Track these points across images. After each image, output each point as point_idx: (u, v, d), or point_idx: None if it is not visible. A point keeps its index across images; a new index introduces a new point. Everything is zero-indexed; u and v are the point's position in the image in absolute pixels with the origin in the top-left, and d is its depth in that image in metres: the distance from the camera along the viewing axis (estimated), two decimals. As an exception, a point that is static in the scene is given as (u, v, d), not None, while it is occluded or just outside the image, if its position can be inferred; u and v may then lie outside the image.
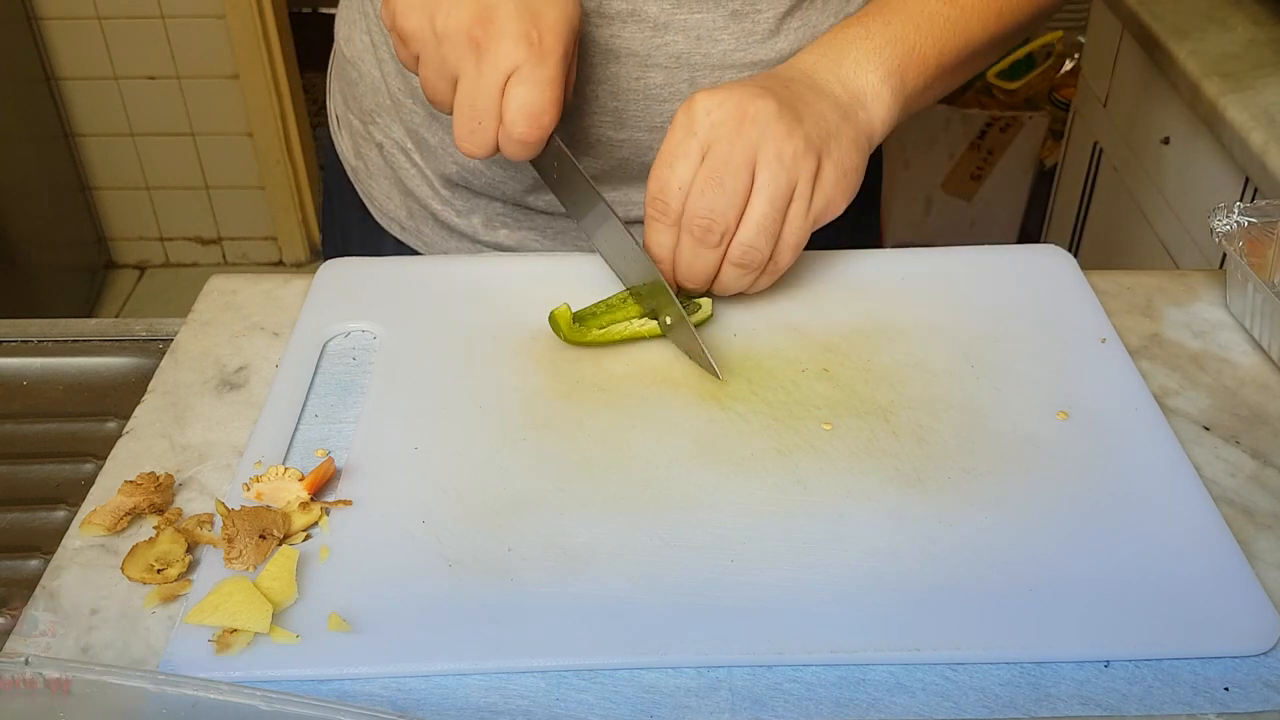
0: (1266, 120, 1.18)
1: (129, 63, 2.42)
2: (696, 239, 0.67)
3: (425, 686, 0.51)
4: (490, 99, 0.65)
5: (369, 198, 0.92)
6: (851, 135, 0.70)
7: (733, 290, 0.70)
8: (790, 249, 0.69)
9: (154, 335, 0.74)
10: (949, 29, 0.74)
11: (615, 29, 0.75)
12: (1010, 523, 0.58)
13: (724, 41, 0.76)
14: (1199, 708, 0.50)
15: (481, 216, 0.86)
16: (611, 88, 0.77)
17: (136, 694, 0.45)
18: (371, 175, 0.90)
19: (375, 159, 0.89)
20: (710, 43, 0.76)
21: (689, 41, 0.76)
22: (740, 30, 0.76)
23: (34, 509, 0.63)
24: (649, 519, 0.58)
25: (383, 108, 0.86)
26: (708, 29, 0.76)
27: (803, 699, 0.50)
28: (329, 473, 0.60)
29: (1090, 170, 1.74)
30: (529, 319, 0.71)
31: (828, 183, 0.68)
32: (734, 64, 0.77)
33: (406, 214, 0.89)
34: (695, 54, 0.76)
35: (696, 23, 0.75)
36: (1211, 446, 0.64)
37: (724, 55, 0.77)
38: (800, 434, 0.63)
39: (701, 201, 0.66)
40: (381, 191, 0.90)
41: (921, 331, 0.71)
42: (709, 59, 0.77)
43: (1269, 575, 0.56)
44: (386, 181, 0.89)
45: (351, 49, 0.87)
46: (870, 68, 0.71)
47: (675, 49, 0.76)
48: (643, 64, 0.76)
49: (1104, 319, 0.71)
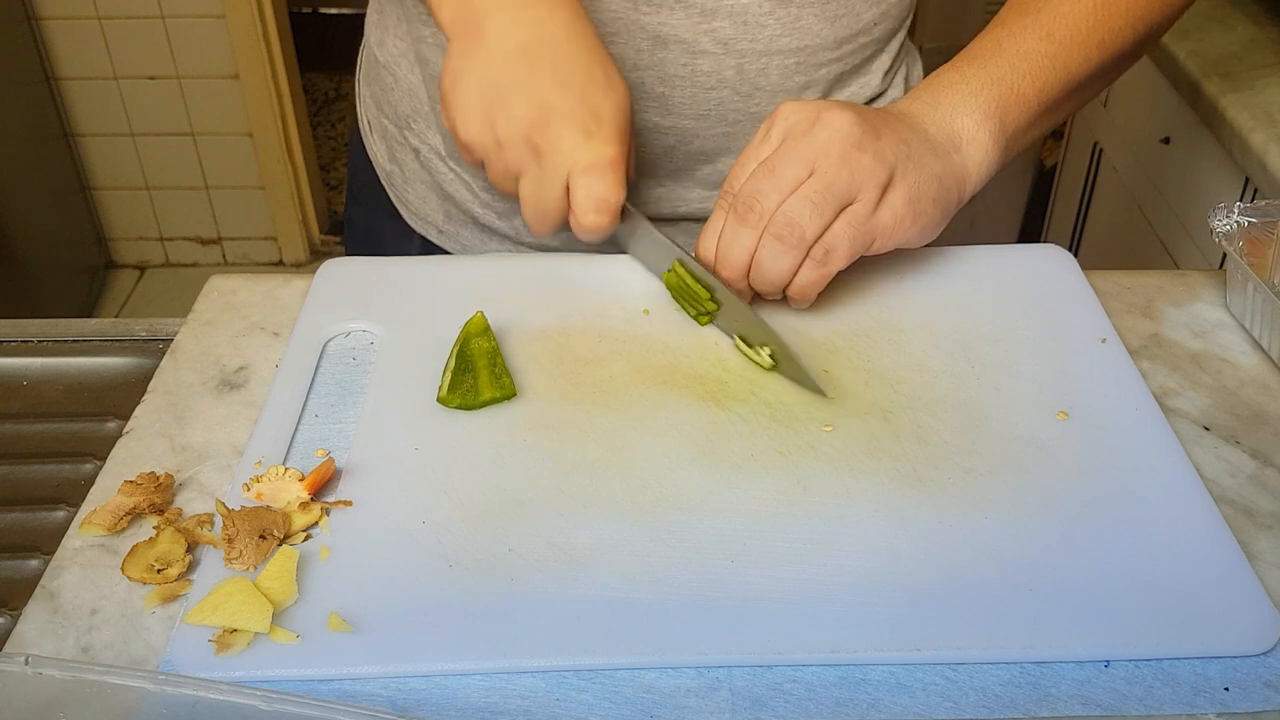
0: (1266, 120, 1.18)
1: (129, 63, 2.42)
2: (739, 217, 0.67)
3: (425, 686, 0.51)
4: (555, 198, 0.68)
5: (403, 202, 0.91)
6: (937, 171, 0.69)
7: (771, 277, 0.67)
8: (843, 245, 0.66)
9: (154, 335, 0.74)
10: (1049, 65, 0.72)
11: (663, 15, 0.75)
12: (1010, 523, 0.58)
13: (770, 27, 0.76)
14: (1199, 708, 0.50)
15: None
16: (658, 74, 0.77)
17: (136, 694, 0.45)
18: (407, 180, 0.90)
19: (411, 164, 0.89)
20: (757, 28, 0.76)
21: (736, 27, 0.76)
22: (786, 15, 0.76)
23: (34, 509, 0.63)
24: (649, 519, 0.58)
25: (419, 113, 0.86)
26: (755, 14, 0.76)
27: (803, 699, 0.50)
28: (329, 473, 0.60)
29: (1090, 170, 1.74)
30: (530, 319, 0.71)
31: (897, 201, 0.67)
32: (780, 50, 0.77)
33: (444, 218, 0.89)
34: (742, 39, 0.76)
35: (744, 8, 0.75)
36: (1211, 446, 0.64)
37: (770, 41, 0.77)
38: (800, 434, 0.63)
39: (751, 183, 0.67)
40: (417, 195, 0.90)
41: (921, 332, 0.71)
42: (756, 44, 0.77)
43: (1269, 575, 0.56)
44: (423, 186, 0.89)
45: (385, 54, 0.87)
46: (967, 111, 0.71)
47: (722, 34, 0.76)
48: (689, 50, 0.76)
49: (1104, 319, 0.71)
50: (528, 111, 0.66)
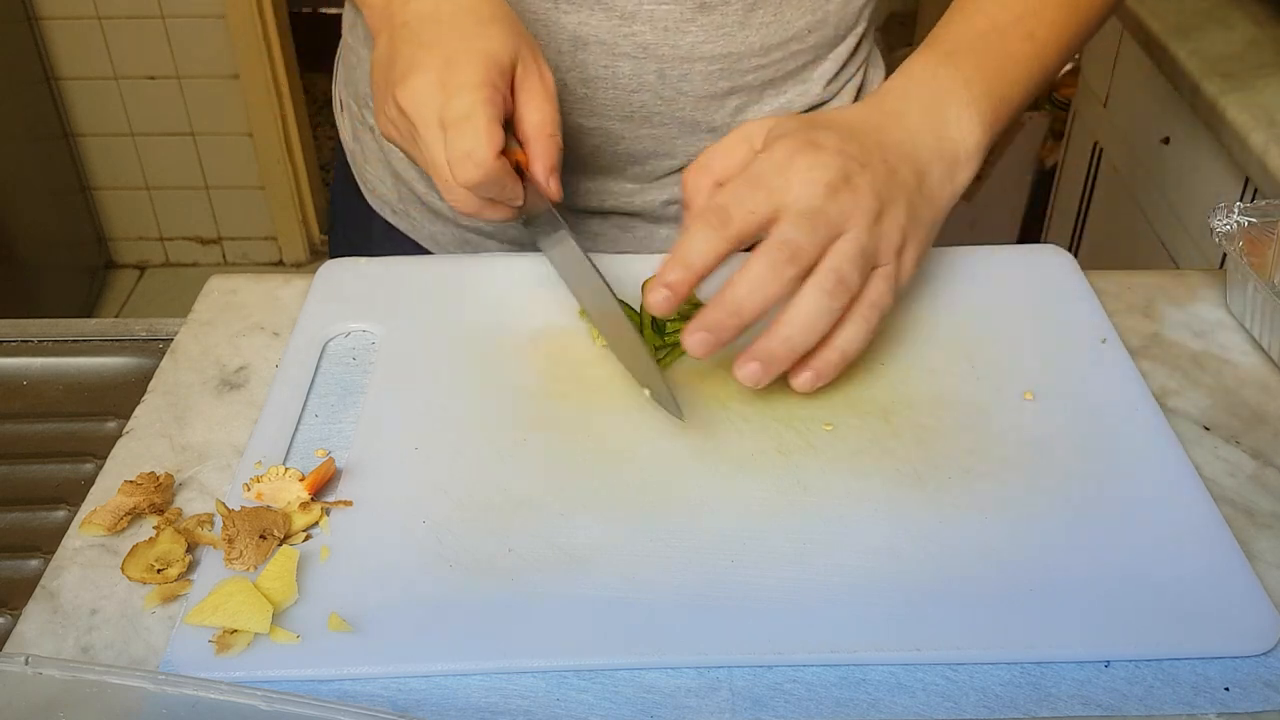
0: (1266, 120, 1.18)
1: (129, 63, 2.42)
2: (711, 225, 0.59)
3: (426, 686, 0.51)
4: (439, 164, 0.64)
5: (363, 180, 0.93)
6: (931, 218, 0.66)
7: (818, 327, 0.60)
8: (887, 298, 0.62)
9: (154, 335, 0.74)
10: (1031, 67, 0.70)
11: (583, 16, 0.75)
12: (1010, 523, 0.58)
13: (692, 33, 0.76)
14: (1199, 708, 0.50)
15: None
16: (580, 75, 0.77)
17: (136, 694, 0.45)
18: (366, 158, 0.91)
19: (369, 142, 0.90)
20: (678, 34, 0.76)
21: (656, 32, 0.76)
22: (709, 23, 0.76)
23: (34, 509, 0.63)
24: (649, 519, 0.58)
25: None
26: (675, 20, 0.76)
27: (803, 699, 0.50)
28: (329, 473, 0.60)
29: (1090, 170, 1.74)
30: (529, 319, 0.71)
31: (908, 255, 0.64)
32: (702, 56, 0.77)
33: (397, 197, 0.90)
34: (663, 45, 0.76)
35: (664, 14, 0.75)
36: (1211, 446, 0.64)
37: (692, 47, 0.77)
38: (801, 434, 0.63)
39: (727, 191, 0.60)
40: (375, 174, 0.91)
41: (921, 331, 0.71)
42: (677, 50, 0.77)
43: (1269, 575, 0.56)
44: (379, 164, 0.90)
45: (353, 35, 0.89)
46: (970, 127, 0.68)
47: (643, 39, 0.76)
48: (610, 52, 0.76)
49: (1104, 319, 0.71)
50: (397, 77, 0.64)
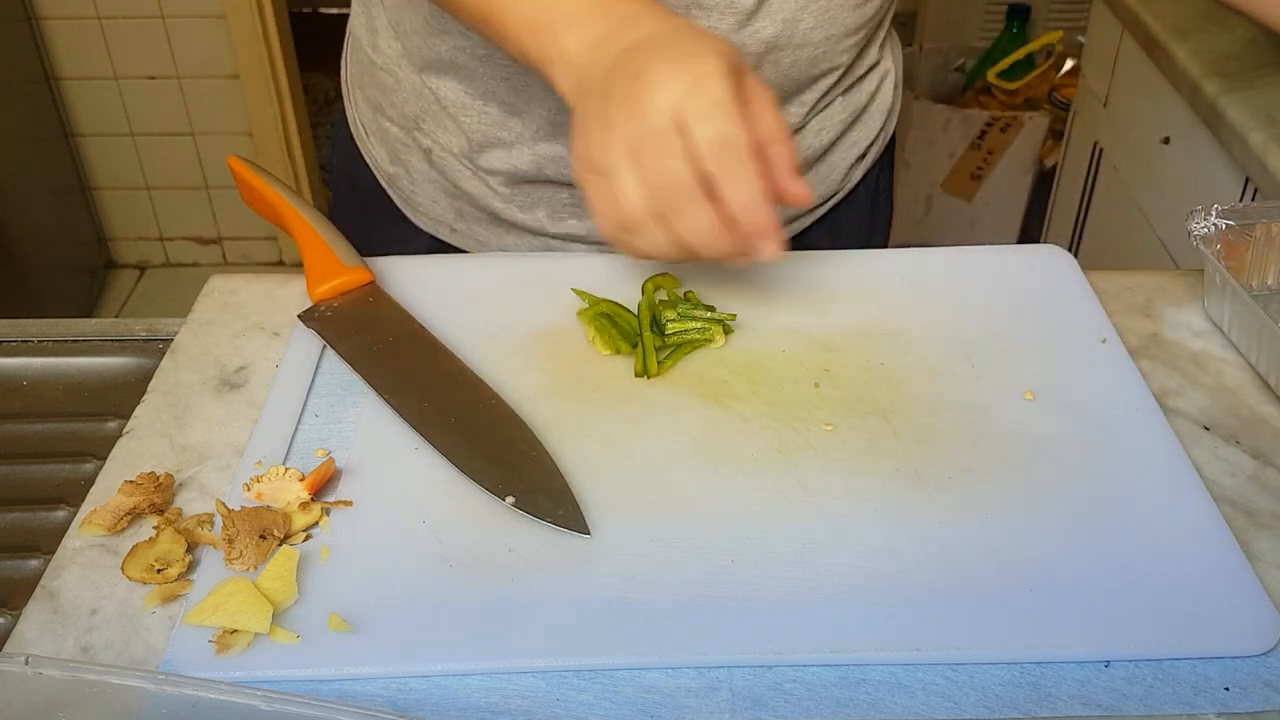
0: (1266, 120, 1.18)
1: (129, 63, 2.41)
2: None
3: (426, 686, 0.51)
4: (684, 177, 0.55)
5: (409, 203, 0.90)
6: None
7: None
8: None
9: (154, 335, 0.74)
10: None
11: (712, 21, 0.75)
12: (1010, 523, 0.58)
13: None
14: (1199, 708, 0.50)
15: (546, 209, 0.85)
16: None
17: (136, 694, 0.45)
18: (415, 182, 0.89)
19: (419, 165, 0.87)
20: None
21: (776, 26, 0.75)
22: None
23: (34, 509, 0.63)
24: (649, 519, 0.58)
25: (428, 113, 0.84)
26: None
27: (803, 699, 0.50)
28: (329, 473, 0.60)
29: (1090, 170, 1.74)
30: (530, 319, 0.71)
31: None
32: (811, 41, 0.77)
33: (455, 215, 0.88)
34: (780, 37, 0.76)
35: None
36: (1211, 446, 0.64)
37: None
38: (801, 434, 0.63)
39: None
40: (426, 196, 0.89)
41: (921, 331, 0.71)
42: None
43: (1269, 575, 0.56)
44: (431, 186, 0.88)
45: (381, 56, 0.86)
46: None
47: (765, 34, 0.75)
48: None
49: (1104, 319, 0.71)
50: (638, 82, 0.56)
